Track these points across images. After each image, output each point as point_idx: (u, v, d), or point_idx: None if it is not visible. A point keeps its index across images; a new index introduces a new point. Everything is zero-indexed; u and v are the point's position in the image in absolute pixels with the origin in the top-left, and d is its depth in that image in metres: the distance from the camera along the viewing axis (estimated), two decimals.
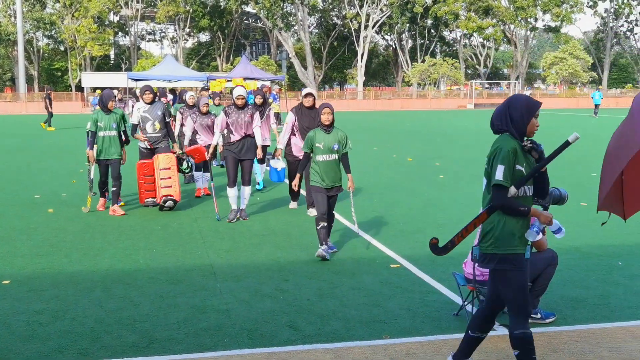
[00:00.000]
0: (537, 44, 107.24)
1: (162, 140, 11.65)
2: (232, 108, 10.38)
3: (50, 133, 31.08)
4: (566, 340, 5.54)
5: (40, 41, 79.84)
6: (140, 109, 11.55)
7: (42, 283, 7.18)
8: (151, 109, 11.50)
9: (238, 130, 10.29)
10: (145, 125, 11.49)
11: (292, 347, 5.41)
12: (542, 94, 76.40)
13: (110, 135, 10.83)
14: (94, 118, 10.78)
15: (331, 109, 8.34)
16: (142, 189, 11.49)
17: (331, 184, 8.31)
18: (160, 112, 11.51)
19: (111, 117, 10.86)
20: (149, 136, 11.53)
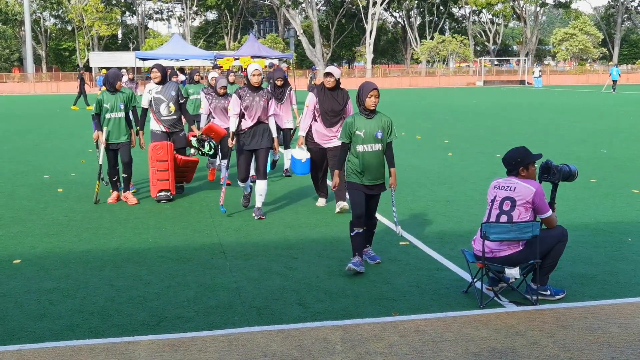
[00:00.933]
0: (547, 20, 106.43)
1: (178, 123, 10.72)
2: (245, 90, 9.12)
3: (60, 113, 31.11)
4: (575, 317, 5.54)
5: (48, 21, 79.79)
6: (151, 90, 10.53)
7: (53, 262, 7.21)
8: (164, 89, 10.52)
9: (251, 115, 9.08)
10: (159, 107, 10.50)
11: (302, 324, 5.43)
12: (551, 70, 75.91)
13: (118, 117, 9.93)
14: (98, 100, 9.91)
15: (378, 91, 6.91)
16: (155, 177, 10.24)
17: (373, 180, 6.98)
18: (174, 93, 10.56)
19: (118, 97, 9.95)
20: (164, 119, 10.54)
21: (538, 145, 16.05)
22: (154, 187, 10.23)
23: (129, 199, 10.21)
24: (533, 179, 6.00)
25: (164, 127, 10.57)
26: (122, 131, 10.00)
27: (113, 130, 9.95)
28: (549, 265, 5.88)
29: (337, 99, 9.39)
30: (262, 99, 9.11)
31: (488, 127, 21.66)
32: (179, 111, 10.70)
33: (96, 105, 9.89)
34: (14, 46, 75.10)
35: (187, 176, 10.90)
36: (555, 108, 30.20)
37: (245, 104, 9.06)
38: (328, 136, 9.56)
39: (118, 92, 10.01)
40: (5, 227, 8.79)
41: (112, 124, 9.94)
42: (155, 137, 10.59)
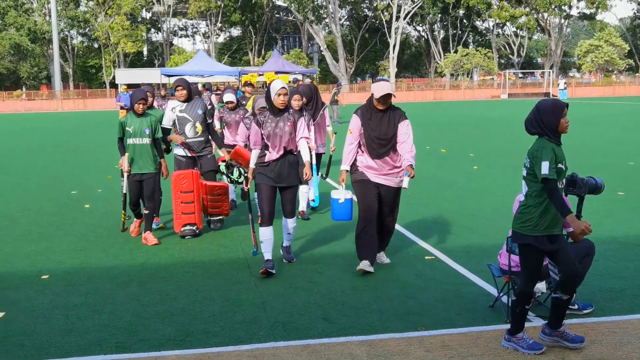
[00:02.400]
0: (571, 32, 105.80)
1: (206, 147, 9.37)
2: (265, 115, 7.41)
3: (87, 129, 31.46)
4: (604, 332, 5.47)
5: (75, 39, 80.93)
6: (174, 108, 9.24)
7: (80, 277, 7.28)
8: (189, 107, 9.19)
9: (276, 145, 7.34)
10: (183, 128, 9.16)
11: (327, 339, 5.42)
12: (577, 82, 75.38)
13: (142, 144, 8.65)
14: (121, 122, 8.73)
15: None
16: (179, 210, 8.94)
17: None
18: (201, 111, 9.22)
19: (143, 121, 8.67)
20: (190, 142, 9.20)
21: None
22: (178, 221, 8.95)
23: (148, 240, 8.73)
24: None
25: (188, 151, 9.28)
26: (147, 160, 8.70)
27: (136, 158, 8.68)
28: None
29: (388, 123, 7.26)
30: (287, 123, 7.36)
31: (513, 139, 21.54)
32: (207, 132, 9.37)
33: (119, 127, 8.74)
34: (42, 64, 76.17)
35: (221, 206, 9.42)
36: (580, 120, 29.95)
37: (266, 132, 7.34)
38: (381, 170, 7.33)
39: (144, 115, 8.76)
40: (34, 243, 8.90)
41: (135, 151, 8.67)
42: (179, 164, 9.30)
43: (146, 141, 8.69)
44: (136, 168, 8.71)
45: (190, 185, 8.94)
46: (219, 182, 9.37)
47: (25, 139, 26.44)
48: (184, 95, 9.21)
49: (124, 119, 8.73)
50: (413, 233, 9.06)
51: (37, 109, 59.95)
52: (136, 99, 8.64)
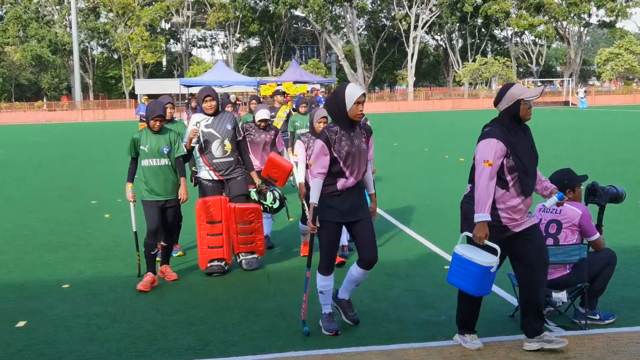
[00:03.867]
0: (591, 40, 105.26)
1: (235, 168, 7.93)
2: (334, 129, 5.53)
3: (107, 139, 31.69)
4: (626, 342, 5.42)
5: (95, 50, 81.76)
6: (199, 122, 7.85)
7: (100, 287, 7.32)
8: (216, 122, 7.83)
9: (354, 169, 5.57)
10: (209, 146, 7.81)
11: (346, 349, 5.40)
12: (596, 90, 74.91)
13: (160, 165, 7.28)
14: (134, 139, 7.33)
15: None
16: (204, 244, 7.62)
17: None
18: (231, 127, 7.86)
19: (161, 139, 7.29)
20: (217, 162, 7.81)
21: (583, 167, 15.81)
22: (204, 256, 7.61)
23: (166, 274, 7.54)
24: (579, 201, 5.92)
25: (215, 174, 7.86)
26: (168, 185, 7.33)
27: (154, 183, 7.28)
28: (597, 288, 5.78)
29: (530, 141, 5.34)
30: (362, 139, 5.68)
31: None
32: (237, 151, 7.97)
33: (131, 146, 7.40)
34: (63, 75, 76.96)
35: (254, 239, 7.85)
36: (600, 129, 29.75)
37: (344, 151, 5.50)
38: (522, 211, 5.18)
39: (162, 131, 7.36)
40: (55, 252, 8.96)
41: (152, 174, 7.28)
42: (205, 189, 7.89)
43: (165, 162, 7.29)
44: (153, 194, 7.27)
45: (218, 214, 7.61)
46: (251, 204, 7.84)
47: (46, 150, 26.68)
48: (213, 107, 7.83)
49: (138, 136, 7.34)
50: (432, 242, 9.03)
51: (57, 119, 60.51)
52: (153, 114, 7.23)
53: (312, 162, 5.59)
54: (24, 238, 9.94)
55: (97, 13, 78.38)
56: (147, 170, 7.30)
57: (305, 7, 72.64)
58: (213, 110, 7.84)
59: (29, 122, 58.13)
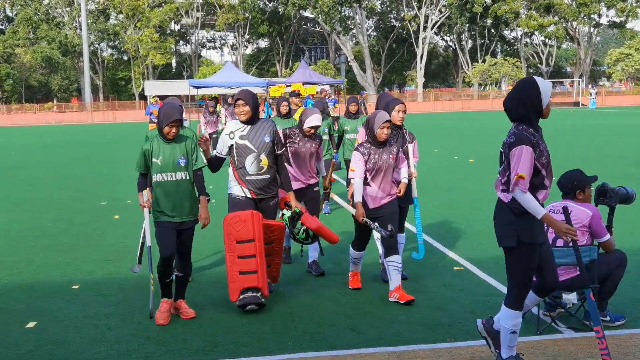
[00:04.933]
0: (601, 40, 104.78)
1: (272, 187, 6.74)
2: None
3: (116, 140, 31.78)
4: (637, 344, 5.39)
5: (105, 52, 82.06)
6: (233, 132, 6.63)
7: (110, 287, 7.35)
8: (252, 132, 6.59)
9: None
10: (243, 160, 6.58)
11: (355, 350, 5.40)
12: (607, 91, 74.60)
13: (177, 180, 6.12)
14: (143, 151, 6.17)
15: None
16: (234, 269, 6.36)
17: None
18: (269, 139, 6.61)
19: (176, 148, 6.12)
20: (251, 179, 6.59)
21: (594, 168, 15.75)
22: (234, 284, 6.34)
23: (182, 311, 6.37)
24: (589, 202, 5.90)
25: (249, 192, 6.66)
26: (185, 203, 6.17)
27: (169, 201, 6.11)
28: (608, 290, 5.76)
29: None
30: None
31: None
32: (274, 167, 6.74)
33: (140, 159, 6.30)
34: (73, 76, 77.24)
35: (271, 262, 6.85)
36: (611, 129, 29.63)
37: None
38: None
39: (177, 138, 6.24)
40: (65, 253, 8.99)
41: (167, 191, 6.11)
42: (236, 205, 6.63)
43: (182, 176, 6.13)
44: (169, 214, 6.12)
45: (249, 232, 6.33)
46: (276, 222, 6.80)
47: (57, 151, 26.78)
48: (247, 114, 6.56)
49: (149, 147, 6.14)
50: (441, 243, 9.02)
51: (67, 120, 60.74)
52: (168, 118, 6.02)
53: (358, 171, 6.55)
54: (34, 239, 9.98)
55: (107, 15, 78.66)
56: (161, 186, 6.11)
57: (315, 8, 72.68)
58: (246, 117, 6.56)
59: (39, 124, 58.37)
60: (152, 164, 6.16)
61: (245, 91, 6.67)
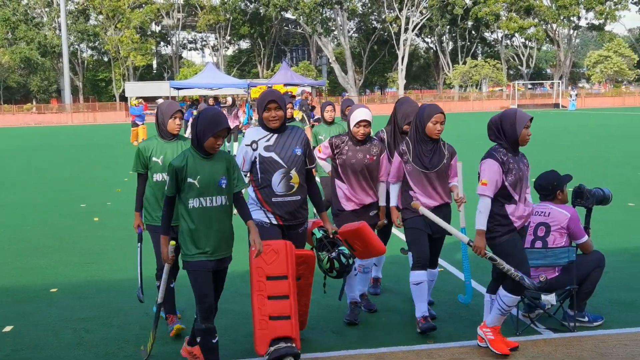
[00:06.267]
0: (580, 42, 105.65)
1: (301, 211, 5.45)
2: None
3: (97, 143, 31.58)
4: (615, 344, 5.43)
5: (85, 52, 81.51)
6: (255, 142, 5.34)
7: (89, 291, 7.29)
8: (281, 142, 5.33)
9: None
10: (270, 177, 5.31)
11: (337, 352, 5.41)
12: (586, 93, 75.22)
13: (215, 206, 4.82)
14: (175, 168, 4.77)
15: None
16: (263, 313, 5.15)
17: None
18: (300, 151, 5.36)
19: (216, 166, 4.81)
20: (279, 201, 5.32)
21: (572, 169, 15.86)
22: (262, 331, 5.14)
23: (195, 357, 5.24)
24: (567, 202, 5.95)
25: (274, 217, 5.37)
26: (225, 234, 4.91)
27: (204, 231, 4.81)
28: (586, 291, 5.80)
29: None
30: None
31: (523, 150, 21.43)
32: (305, 185, 5.47)
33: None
34: (52, 77, 76.66)
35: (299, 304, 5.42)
36: (590, 131, 29.86)
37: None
38: None
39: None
40: (44, 256, 8.92)
41: (204, 219, 4.80)
42: (261, 233, 5.12)
43: (222, 201, 4.84)
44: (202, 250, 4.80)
45: (282, 266, 5.15)
46: (305, 250, 5.50)
47: (36, 153, 26.57)
48: (280, 120, 5.31)
49: (181, 163, 4.76)
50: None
51: (47, 122, 60.26)
52: (217, 126, 4.72)
53: None
54: (14, 242, 9.88)
55: (87, 15, 78.11)
56: (198, 213, 4.76)
57: (296, 10, 72.63)
58: (278, 123, 5.29)
59: (19, 125, 57.85)
60: (184, 186, 4.76)
61: (276, 92, 5.41)
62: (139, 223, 6.03)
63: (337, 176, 6.14)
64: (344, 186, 6.08)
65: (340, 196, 6.11)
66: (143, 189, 5.86)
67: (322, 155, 6.27)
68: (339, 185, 6.11)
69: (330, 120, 9.59)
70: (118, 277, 7.79)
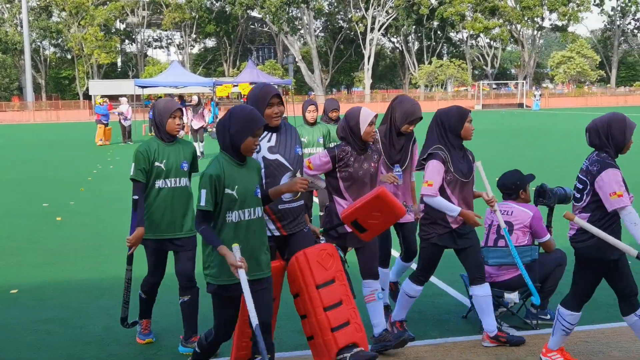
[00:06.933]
0: (544, 43, 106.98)
1: (302, 215, 4.93)
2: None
3: (60, 141, 31.15)
4: (576, 341, 5.50)
5: (47, 50, 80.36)
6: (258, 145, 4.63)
7: (51, 292, 7.18)
8: (282, 141, 4.79)
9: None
10: (278, 181, 4.68)
11: (300, 352, 5.40)
12: (550, 93, 76.18)
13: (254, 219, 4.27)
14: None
15: None
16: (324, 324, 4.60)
17: None
18: (300, 150, 4.88)
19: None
20: (285, 208, 4.75)
21: (535, 168, 16.03)
22: (327, 338, 4.58)
23: None
24: (529, 201, 6.01)
25: (278, 228, 4.78)
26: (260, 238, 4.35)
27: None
28: (548, 289, 5.86)
29: None
30: None
31: (486, 151, 21.65)
32: None
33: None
34: (14, 75, 75.50)
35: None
36: (554, 131, 30.23)
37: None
38: None
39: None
40: (4, 257, 8.77)
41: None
42: None
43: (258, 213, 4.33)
44: None
45: (331, 269, 4.70)
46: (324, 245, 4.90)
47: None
48: (280, 116, 4.81)
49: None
50: None
51: (8, 120, 59.29)
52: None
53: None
54: None
55: (49, 12, 77.01)
56: (234, 228, 4.22)
57: (262, 8, 72.48)
58: (279, 121, 4.79)
59: None
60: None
61: (273, 86, 5.07)
62: (136, 241, 5.33)
63: (337, 192, 5.29)
64: (345, 202, 5.24)
65: (340, 213, 5.15)
66: (143, 199, 5.20)
67: (314, 172, 5.27)
68: (339, 202, 5.27)
69: (312, 121, 8.57)
70: (80, 278, 7.69)
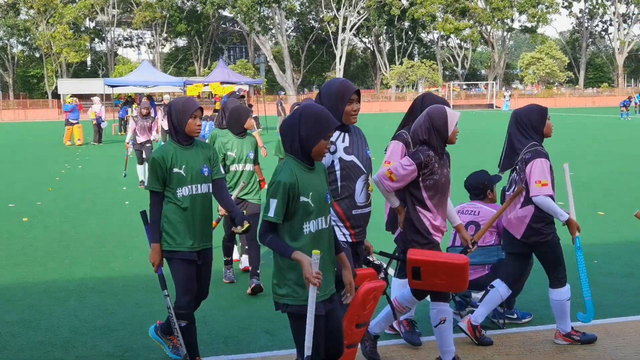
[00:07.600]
0: (514, 44, 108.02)
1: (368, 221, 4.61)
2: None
3: (27, 141, 30.76)
4: (542, 340, 5.56)
5: (15, 48, 79.26)
6: (334, 143, 4.36)
7: (16, 293, 7.09)
8: (354, 141, 4.49)
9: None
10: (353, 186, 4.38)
11: (269, 352, 5.39)
12: (520, 94, 76.91)
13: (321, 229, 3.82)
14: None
15: None
16: None
17: None
18: (369, 152, 4.56)
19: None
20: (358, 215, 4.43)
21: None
22: None
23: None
24: (496, 201, 6.06)
25: (351, 235, 4.42)
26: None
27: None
28: (515, 288, 5.90)
29: None
30: None
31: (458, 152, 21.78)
32: None
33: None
34: None
35: None
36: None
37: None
38: None
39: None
40: None
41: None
42: None
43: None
44: None
45: (369, 313, 4.47)
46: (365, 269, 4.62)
47: None
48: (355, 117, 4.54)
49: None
50: None
51: None
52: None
53: None
54: None
55: (17, 9, 75.94)
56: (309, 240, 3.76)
57: (234, 8, 72.14)
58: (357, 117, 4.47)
59: None
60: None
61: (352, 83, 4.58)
62: (159, 260, 4.71)
63: (420, 203, 4.86)
64: (431, 215, 4.86)
65: (427, 227, 4.85)
66: (160, 210, 4.68)
67: (396, 184, 4.84)
68: (424, 214, 4.85)
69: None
70: (46, 279, 7.60)
